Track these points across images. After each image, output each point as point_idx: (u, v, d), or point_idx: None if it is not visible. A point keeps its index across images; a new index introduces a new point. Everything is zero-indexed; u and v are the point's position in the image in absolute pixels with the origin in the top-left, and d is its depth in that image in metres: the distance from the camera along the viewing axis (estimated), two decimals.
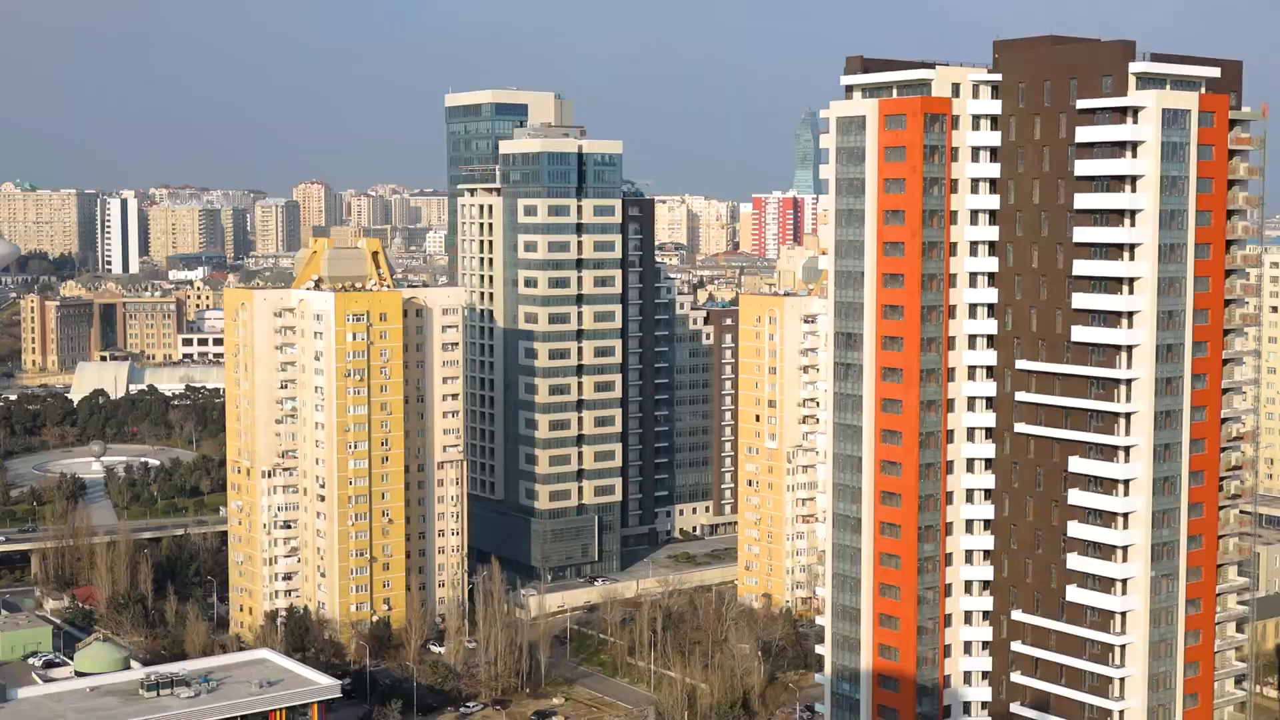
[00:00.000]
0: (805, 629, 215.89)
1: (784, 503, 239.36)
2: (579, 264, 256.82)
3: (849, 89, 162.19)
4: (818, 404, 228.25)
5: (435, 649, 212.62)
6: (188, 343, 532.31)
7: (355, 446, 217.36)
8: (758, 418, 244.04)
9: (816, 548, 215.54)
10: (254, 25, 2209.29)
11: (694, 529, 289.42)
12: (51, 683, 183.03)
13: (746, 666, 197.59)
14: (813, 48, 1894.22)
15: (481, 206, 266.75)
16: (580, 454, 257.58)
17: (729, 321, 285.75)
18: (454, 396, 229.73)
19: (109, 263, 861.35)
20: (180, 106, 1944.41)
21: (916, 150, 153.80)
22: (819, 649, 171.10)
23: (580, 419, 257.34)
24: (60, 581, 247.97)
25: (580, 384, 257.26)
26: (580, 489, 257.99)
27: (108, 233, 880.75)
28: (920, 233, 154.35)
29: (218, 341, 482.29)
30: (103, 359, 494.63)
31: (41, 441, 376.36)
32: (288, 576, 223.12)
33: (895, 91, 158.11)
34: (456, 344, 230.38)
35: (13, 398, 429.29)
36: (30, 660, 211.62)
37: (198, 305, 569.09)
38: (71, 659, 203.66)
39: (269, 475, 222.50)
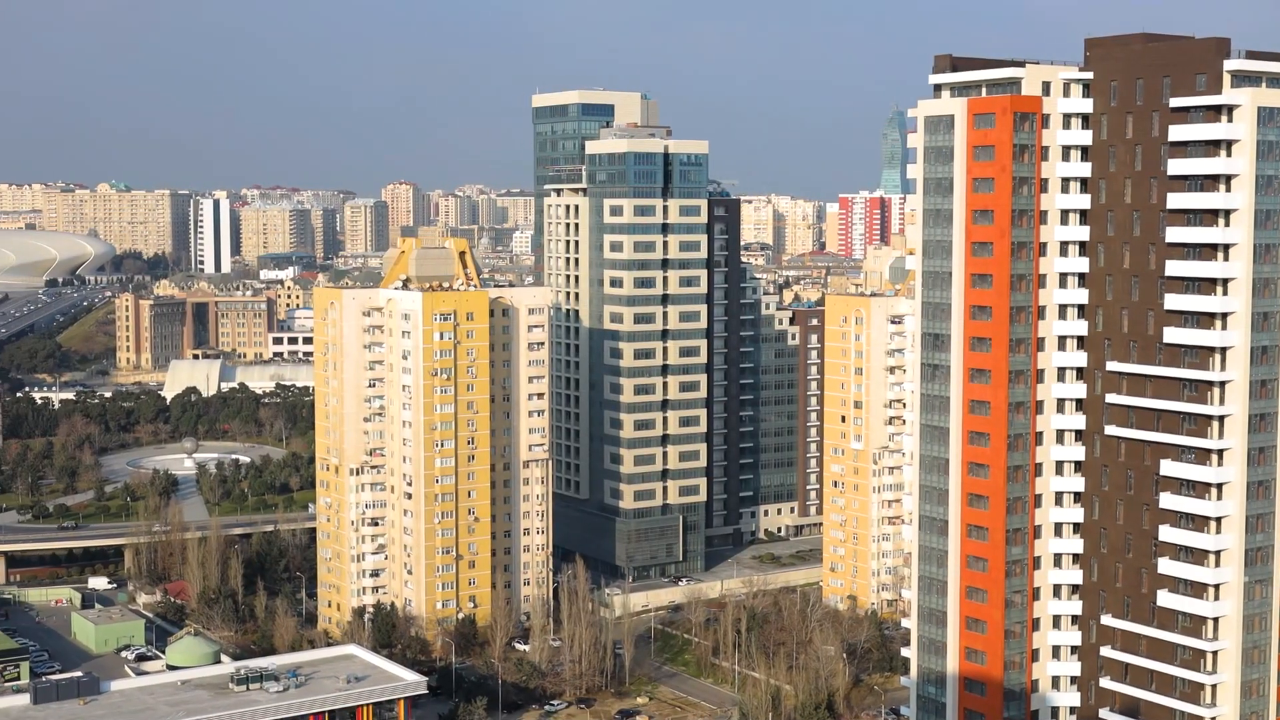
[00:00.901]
0: (891, 631, 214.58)
1: (870, 504, 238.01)
2: (664, 264, 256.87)
3: (937, 88, 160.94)
4: (904, 405, 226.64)
5: (520, 647, 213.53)
6: (278, 341, 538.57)
7: (442, 445, 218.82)
8: (843, 418, 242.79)
9: (902, 550, 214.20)
10: (344, 28, 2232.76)
11: (778, 530, 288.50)
12: (144, 675, 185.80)
13: (831, 668, 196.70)
14: (901, 46, 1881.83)
15: (568, 207, 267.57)
16: (665, 454, 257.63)
17: (815, 322, 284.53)
18: (539, 396, 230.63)
19: (201, 262, 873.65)
20: (271, 108, 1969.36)
21: (1006, 149, 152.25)
22: (904, 652, 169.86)
23: (665, 419, 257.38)
24: (153, 576, 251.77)
25: (665, 384, 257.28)
26: (665, 489, 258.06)
27: (200, 233, 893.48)
28: (1009, 233, 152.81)
29: (307, 340, 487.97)
30: (195, 357, 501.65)
31: (135, 438, 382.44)
32: (375, 573, 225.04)
33: (984, 90, 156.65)
34: (542, 343, 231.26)
35: (108, 395, 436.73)
36: (123, 653, 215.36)
37: (288, 304, 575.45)
38: (163, 652, 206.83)
39: (357, 473, 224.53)
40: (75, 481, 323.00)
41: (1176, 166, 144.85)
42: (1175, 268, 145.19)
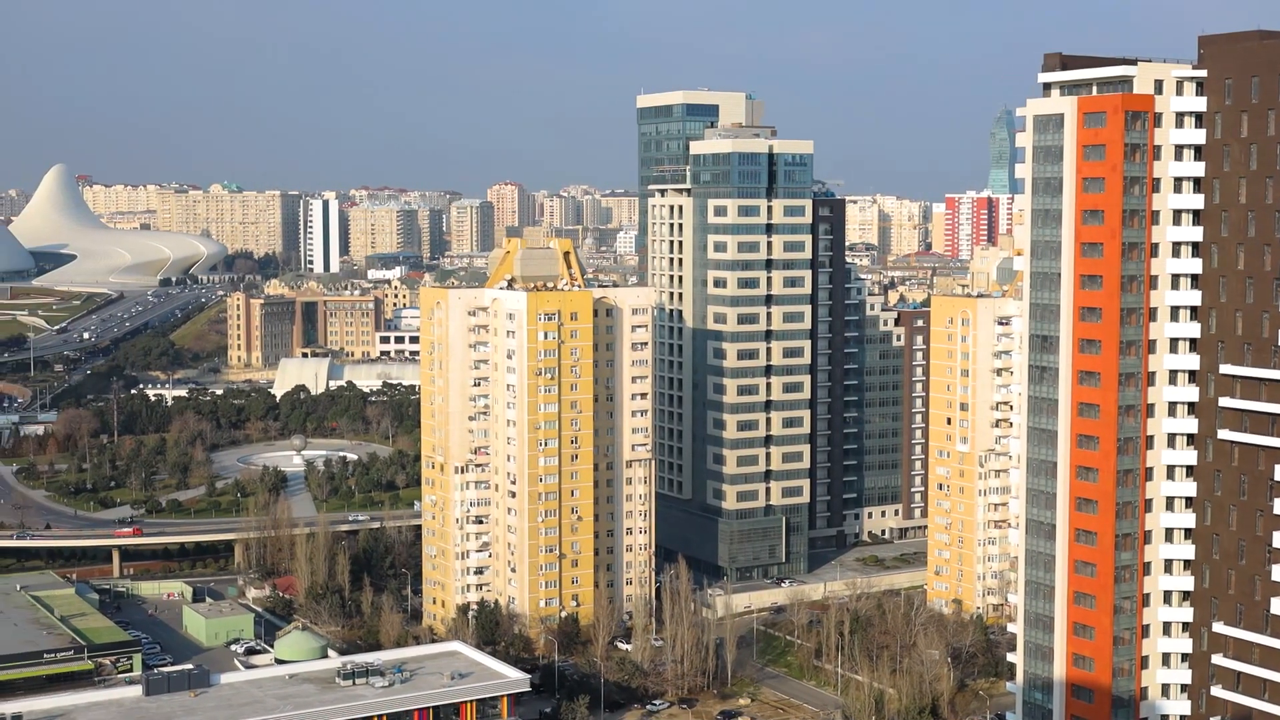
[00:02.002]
0: (996, 636, 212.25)
1: (975, 507, 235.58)
2: (768, 264, 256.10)
3: (1047, 86, 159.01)
4: (1011, 407, 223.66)
5: (622, 646, 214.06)
6: (385, 340, 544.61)
7: (546, 444, 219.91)
8: (949, 421, 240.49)
9: (1009, 554, 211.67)
10: (449, 30, 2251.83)
11: (882, 532, 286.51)
12: (252, 669, 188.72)
13: (936, 672, 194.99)
14: (1010, 44, 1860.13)
15: (672, 207, 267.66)
16: (768, 455, 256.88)
17: (920, 323, 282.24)
18: (643, 396, 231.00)
19: (310, 262, 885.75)
20: (379, 110, 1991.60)
21: (1117, 148, 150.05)
22: (1010, 657, 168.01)
23: (768, 420, 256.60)
24: (262, 571, 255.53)
25: (769, 385, 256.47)
26: (768, 490, 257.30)
27: (310, 233, 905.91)
28: (1120, 233, 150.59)
29: (413, 339, 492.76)
30: (304, 355, 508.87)
31: (245, 435, 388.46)
32: (479, 571, 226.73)
33: (1095, 89, 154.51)
34: (646, 343, 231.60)
35: (219, 392, 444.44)
36: (233, 646, 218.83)
37: (395, 304, 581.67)
38: (272, 646, 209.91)
39: (462, 471, 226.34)
40: (187, 477, 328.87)
41: None
42: None
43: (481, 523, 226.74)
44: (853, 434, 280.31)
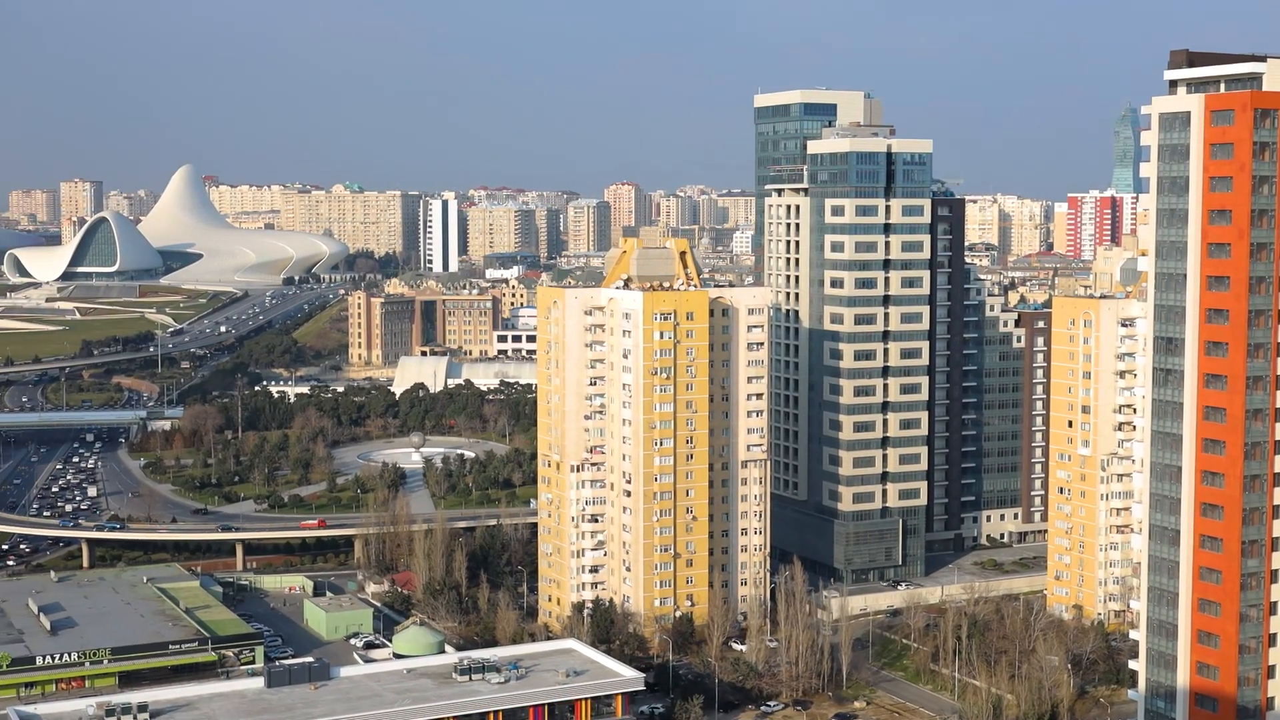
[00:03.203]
0: (1118, 643, 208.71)
1: (1097, 512, 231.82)
2: (886, 264, 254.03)
3: (1172, 84, 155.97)
4: (1134, 410, 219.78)
5: (737, 647, 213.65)
6: (502, 339, 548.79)
7: (661, 444, 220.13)
8: (1070, 423, 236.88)
9: (1131, 559, 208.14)
10: (568, 31, 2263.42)
11: (1001, 536, 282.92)
12: (371, 663, 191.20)
13: (1055, 679, 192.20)
14: (1135, 41, 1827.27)
15: (788, 207, 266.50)
16: (885, 456, 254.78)
17: (1041, 324, 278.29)
18: (758, 396, 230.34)
19: (430, 261, 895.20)
20: (498, 111, 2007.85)
21: (1245, 147, 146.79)
22: (1132, 664, 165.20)
23: (885, 421, 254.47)
24: (381, 566, 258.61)
25: (886, 386, 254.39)
26: (884, 491, 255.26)
27: (429, 232, 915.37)
28: (1248, 233, 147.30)
29: (530, 338, 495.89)
30: (423, 354, 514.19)
31: (365, 432, 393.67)
32: (594, 569, 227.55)
33: (1223, 86, 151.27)
34: (762, 344, 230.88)
35: (340, 390, 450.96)
36: (352, 641, 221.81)
37: (512, 303, 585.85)
38: (390, 641, 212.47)
39: (578, 470, 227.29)
40: (309, 473, 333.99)
41: None
42: None
43: (597, 521, 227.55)
44: (971, 436, 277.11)
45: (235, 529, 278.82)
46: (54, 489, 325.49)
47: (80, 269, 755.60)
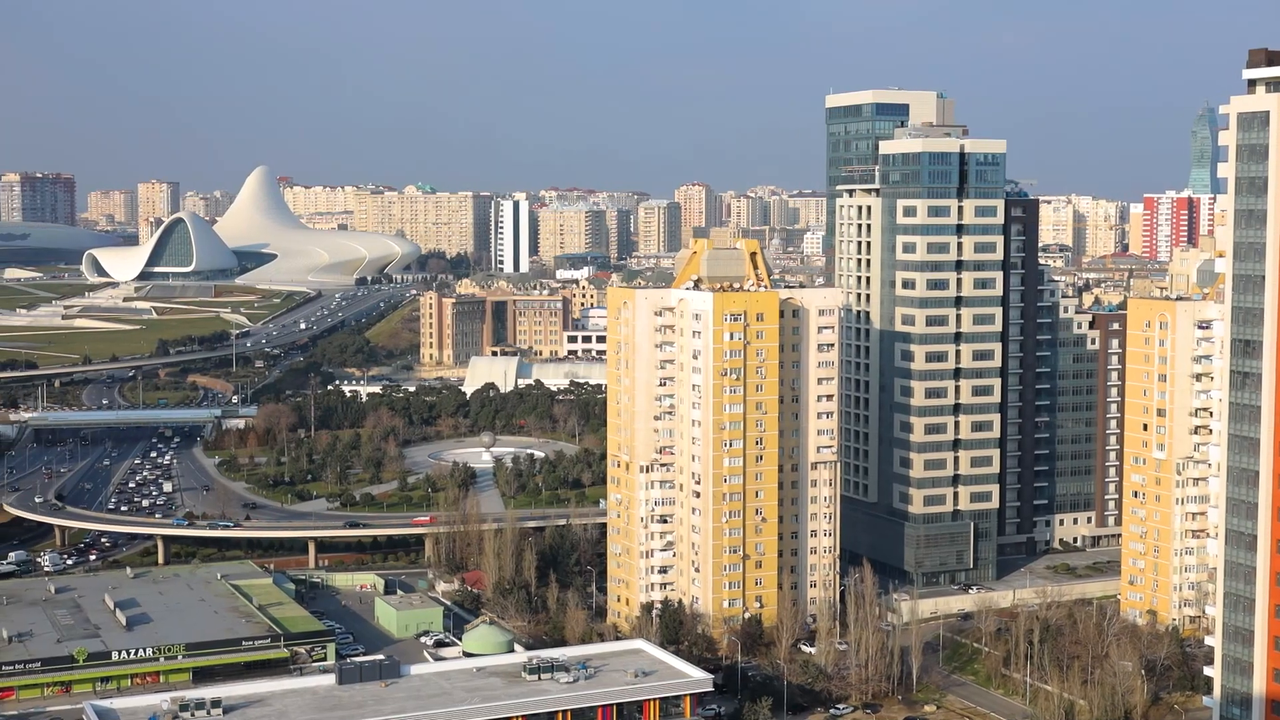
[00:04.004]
0: (1193, 649, 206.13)
1: (1172, 516, 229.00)
2: (958, 265, 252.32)
3: (1251, 83, 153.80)
4: (1211, 414, 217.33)
5: (806, 649, 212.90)
6: (572, 339, 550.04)
7: (730, 445, 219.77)
8: (1145, 427, 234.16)
9: (1207, 564, 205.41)
10: (639, 32, 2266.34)
11: (1074, 540, 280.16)
12: (441, 661, 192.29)
13: (1128, 685, 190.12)
14: (1212, 40, 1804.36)
15: (860, 207, 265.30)
16: (956, 459, 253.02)
17: (1116, 326, 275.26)
18: (829, 397, 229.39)
19: (501, 262, 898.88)
20: (570, 112, 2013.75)
21: None
22: (1207, 671, 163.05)
23: (957, 423, 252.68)
24: (451, 565, 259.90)
25: (957, 388, 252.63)
26: (955, 494, 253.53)
27: (500, 233, 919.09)
28: None
29: (600, 339, 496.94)
30: (494, 354, 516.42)
31: (437, 431, 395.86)
32: (663, 570, 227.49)
33: None
34: (832, 345, 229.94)
35: (411, 389, 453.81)
36: (422, 639, 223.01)
37: (582, 304, 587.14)
38: (460, 639, 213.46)
39: (647, 470, 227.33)
40: (380, 472, 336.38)
41: None
42: None
43: (666, 522, 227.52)
44: (1044, 439, 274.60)
45: (361, 524, 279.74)
46: (131, 484, 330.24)
47: (157, 269, 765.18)
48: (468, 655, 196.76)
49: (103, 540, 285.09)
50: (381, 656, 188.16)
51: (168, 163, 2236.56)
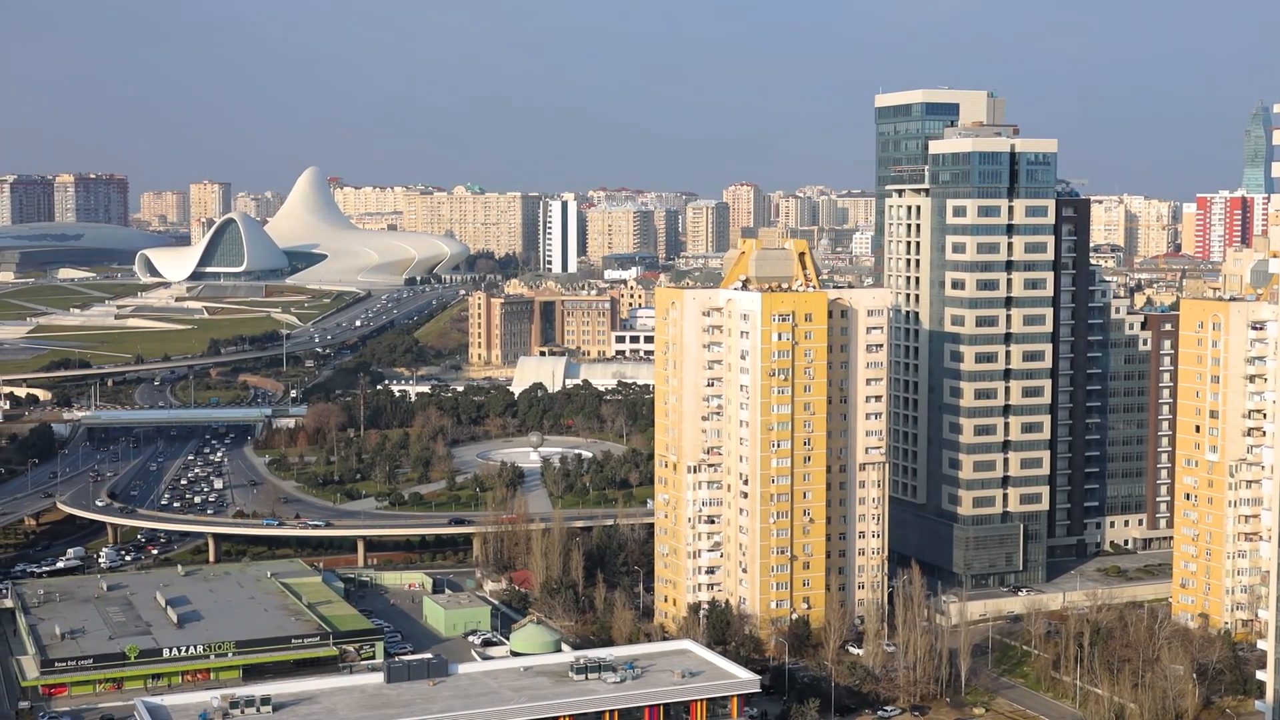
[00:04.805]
0: (1245, 653, 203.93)
1: (1224, 519, 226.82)
2: (1008, 266, 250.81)
3: None
4: (1264, 415, 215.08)
5: (853, 650, 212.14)
6: (620, 340, 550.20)
7: (778, 445, 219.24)
8: (1197, 428, 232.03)
9: (1260, 567, 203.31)
10: (685, 32, 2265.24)
11: (1125, 542, 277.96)
12: (489, 660, 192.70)
13: (1180, 688, 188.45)
14: (1266, 38, 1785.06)
15: (909, 207, 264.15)
16: (1006, 460, 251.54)
17: (1168, 327, 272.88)
18: (877, 398, 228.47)
19: (549, 262, 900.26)
20: (618, 114, 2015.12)
21: None
22: (1260, 675, 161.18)
23: (1006, 424, 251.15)
24: (499, 564, 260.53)
25: (1007, 389, 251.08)
26: (1005, 496, 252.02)
27: (548, 234, 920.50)
28: None
29: (648, 339, 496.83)
30: (542, 354, 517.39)
31: (485, 431, 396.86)
32: (710, 570, 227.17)
33: None
34: (881, 345, 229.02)
35: (460, 389, 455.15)
36: (470, 638, 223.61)
37: (630, 304, 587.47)
38: (507, 638, 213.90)
39: (694, 470, 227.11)
40: (429, 471, 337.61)
41: None
42: None
43: (713, 522, 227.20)
44: (1095, 440, 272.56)
45: (465, 522, 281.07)
46: (183, 481, 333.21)
47: (209, 269, 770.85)
48: (515, 654, 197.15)
49: (160, 538, 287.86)
50: (429, 655, 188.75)
51: (219, 163, 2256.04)
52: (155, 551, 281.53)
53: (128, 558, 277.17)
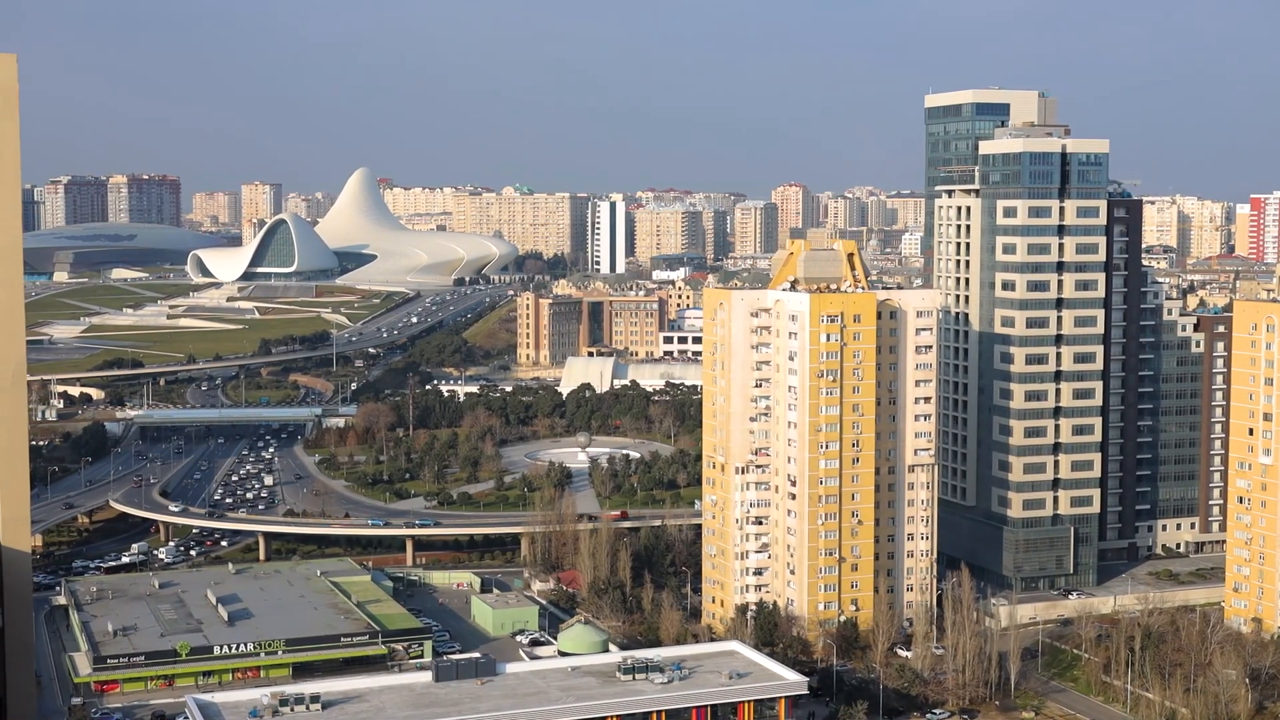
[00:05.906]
0: None
1: (1278, 522, 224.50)
2: (1059, 267, 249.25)
3: None
4: None
5: (902, 653, 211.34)
6: (668, 340, 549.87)
7: (827, 446, 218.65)
8: (1251, 431, 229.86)
9: None
10: (734, 33, 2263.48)
11: (1177, 545, 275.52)
12: (536, 660, 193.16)
13: (1232, 693, 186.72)
14: None
15: (959, 208, 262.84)
16: (1056, 462, 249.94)
17: (1221, 329, 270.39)
18: (926, 400, 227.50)
19: (597, 263, 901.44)
20: (666, 114, 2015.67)
21: None
22: None
23: (1057, 426, 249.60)
24: (547, 564, 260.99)
25: (1058, 390, 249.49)
26: (1055, 498, 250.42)
27: (597, 234, 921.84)
28: None
29: (696, 340, 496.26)
30: (590, 354, 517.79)
31: (533, 431, 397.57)
32: (758, 571, 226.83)
33: None
34: (930, 346, 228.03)
35: (508, 389, 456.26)
36: (518, 637, 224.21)
37: (678, 304, 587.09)
38: (555, 638, 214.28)
39: (742, 471, 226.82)
40: (477, 471, 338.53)
41: None
42: None
43: (761, 524, 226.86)
44: (1147, 443, 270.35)
45: (519, 524, 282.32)
46: (234, 478, 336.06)
47: (260, 269, 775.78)
48: (563, 654, 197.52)
49: (216, 536, 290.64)
50: (478, 654, 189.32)
51: (270, 164, 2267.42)
52: (207, 547, 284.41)
53: (192, 553, 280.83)
